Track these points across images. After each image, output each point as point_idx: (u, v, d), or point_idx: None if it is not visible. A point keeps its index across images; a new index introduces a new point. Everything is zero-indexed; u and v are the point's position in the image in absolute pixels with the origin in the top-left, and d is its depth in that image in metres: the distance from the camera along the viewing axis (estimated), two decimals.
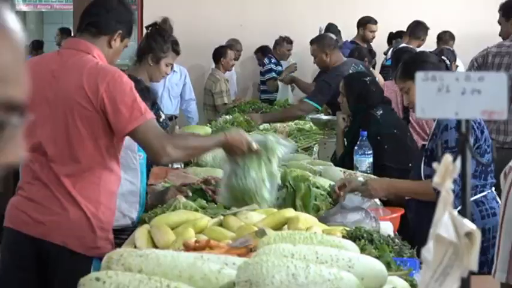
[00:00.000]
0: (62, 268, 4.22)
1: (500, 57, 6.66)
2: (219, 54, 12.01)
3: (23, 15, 22.73)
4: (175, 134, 5.34)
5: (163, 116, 6.89)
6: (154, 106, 5.49)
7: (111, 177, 4.31)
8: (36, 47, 15.67)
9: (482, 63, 6.66)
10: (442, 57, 5.58)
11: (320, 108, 8.42)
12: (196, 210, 4.43)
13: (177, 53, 6.39)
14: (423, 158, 4.73)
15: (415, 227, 4.65)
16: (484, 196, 4.69)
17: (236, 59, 12.69)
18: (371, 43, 11.86)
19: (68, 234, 4.19)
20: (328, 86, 8.23)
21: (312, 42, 9.75)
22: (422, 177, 4.70)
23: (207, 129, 7.53)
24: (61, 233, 4.19)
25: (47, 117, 4.19)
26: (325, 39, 9.67)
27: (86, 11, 4.48)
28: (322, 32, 12.15)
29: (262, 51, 13.55)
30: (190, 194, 4.69)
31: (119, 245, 4.58)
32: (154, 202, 4.81)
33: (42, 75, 4.25)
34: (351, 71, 8.00)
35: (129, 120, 4.14)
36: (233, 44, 12.97)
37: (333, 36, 11.21)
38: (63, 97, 4.20)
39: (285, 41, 13.29)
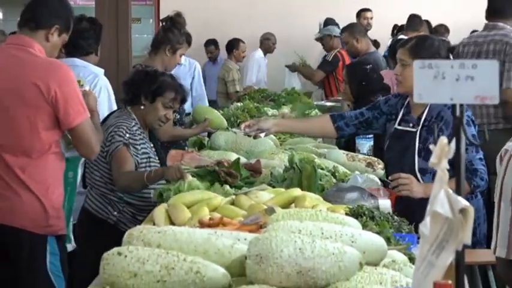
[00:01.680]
0: (21, 248, 4.25)
1: (469, 46, 6.65)
2: (231, 46, 12.05)
3: None
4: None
5: (186, 110, 6.94)
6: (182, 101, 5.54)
7: (56, 161, 4.37)
8: None
9: (456, 53, 6.64)
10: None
11: None
12: (208, 188, 4.44)
13: (190, 44, 6.46)
14: (416, 145, 4.66)
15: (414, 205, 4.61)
16: None
17: (271, 51, 12.68)
18: (369, 30, 11.75)
19: (23, 217, 4.24)
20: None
21: (343, 30, 9.78)
22: (416, 166, 4.63)
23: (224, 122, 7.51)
24: (17, 216, 4.23)
25: None
26: (355, 27, 9.70)
27: (26, 8, 4.47)
28: (322, 25, 12.16)
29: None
30: (190, 177, 4.66)
31: (139, 222, 4.60)
32: (159, 175, 4.82)
33: None
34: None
35: (75, 116, 4.25)
36: (268, 38, 13.01)
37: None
38: (11, 89, 4.21)
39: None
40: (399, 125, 4.81)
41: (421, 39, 5.08)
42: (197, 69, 8.23)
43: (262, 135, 5.04)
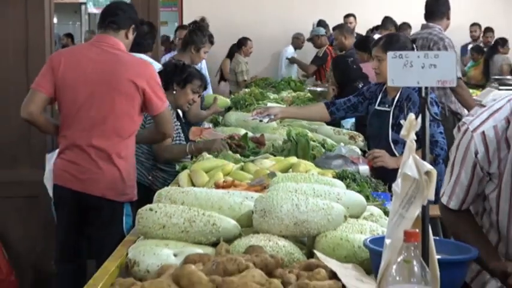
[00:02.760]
0: (101, 213, 4.23)
1: (417, 40, 6.64)
2: (241, 43, 12.03)
3: (93, 17, 22.63)
4: None
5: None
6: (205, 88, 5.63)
7: (134, 141, 4.34)
8: None
9: None
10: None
11: None
12: (222, 157, 4.44)
13: (212, 43, 6.54)
14: (390, 121, 4.67)
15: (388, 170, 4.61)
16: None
17: (300, 48, 12.59)
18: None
19: (104, 187, 4.21)
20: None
21: (334, 28, 9.79)
22: (390, 141, 4.65)
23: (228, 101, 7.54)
24: (98, 186, 4.20)
25: (91, 94, 4.19)
26: (344, 26, 9.71)
27: (106, 12, 4.49)
28: (315, 25, 12.15)
29: None
30: (228, 149, 4.68)
31: (168, 184, 4.61)
32: (203, 148, 4.82)
33: (83, 61, 4.26)
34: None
35: (160, 105, 4.29)
36: (298, 37, 13.00)
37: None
38: (108, 81, 4.20)
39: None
40: (378, 106, 4.83)
41: (390, 37, 5.14)
42: (204, 65, 8.21)
43: (265, 120, 5.06)
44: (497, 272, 2.68)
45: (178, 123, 5.25)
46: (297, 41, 13.31)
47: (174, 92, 5.10)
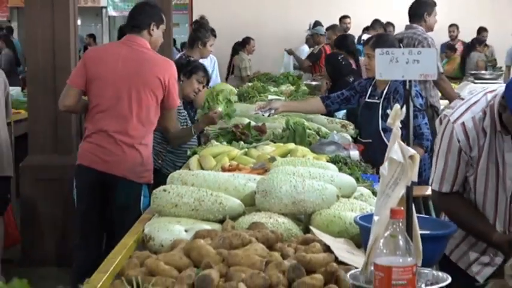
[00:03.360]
0: (121, 192, 4.23)
1: (403, 39, 6.62)
2: (245, 42, 11.99)
3: (113, 20, 22.60)
4: None
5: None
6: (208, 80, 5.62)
7: (152, 129, 4.36)
8: None
9: None
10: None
11: None
12: (228, 144, 4.44)
13: (215, 36, 6.57)
14: (380, 112, 4.66)
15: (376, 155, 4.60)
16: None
17: (318, 43, 12.24)
18: (348, 31, 11.60)
19: (126, 169, 4.21)
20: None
21: (327, 28, 9.77)
22: (380, 130, 4.64)
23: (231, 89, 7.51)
24: (121, 167, 4.20)
25: (121, 88, 4.20)
26: (337, 27, 9.69)
27: (129, 17, 4.55)
28: (311, 25, 12.10)
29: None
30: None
31: (177, 166, 4.63)
32: (201, 125, 4.93)
33: (114, 57, 4.28)
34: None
35: (175, 101, 4.39)
36: (313, 36, 12.68)
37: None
38: (138, 76, 4.22)
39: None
40: (368, 98, 4.82)
41: (380, 36, 5.21)
42: (215, 64, 8.16)
43: (266, 114, 5.06)
44: (503, 242, 2.68)
45: (185, 112, 5.25)
46: (310, 40, 13.09)
47: (181, 82, 5.10)
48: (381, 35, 5.72)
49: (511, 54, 11.37)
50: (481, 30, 12.09)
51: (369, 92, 4.84)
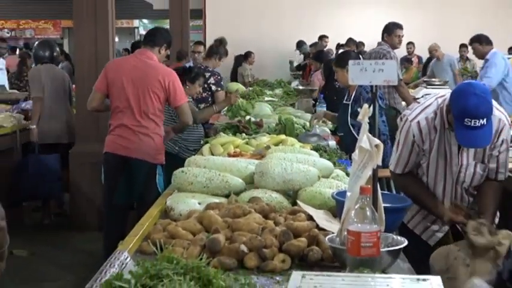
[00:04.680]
0: (140, 172, 4.22)
1: (369, 54, 6.57)
2: (247, 55, 11.90)
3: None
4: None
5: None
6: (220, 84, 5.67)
7: (162, 121, 4.33)
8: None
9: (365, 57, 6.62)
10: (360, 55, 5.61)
11: None
12: (233, 135, 4.42)
13: (227, 55, 6.48)
14: (349, 111, 4.59)
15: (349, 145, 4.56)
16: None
17: (305, 57, 11.88)
18: (325, 47, 11.45)
19: (143, 152, 4.19)
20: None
21: (310, 45, 9.67)
22: (349, 125, 4.57)
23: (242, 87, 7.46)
24: (139, 152, 4.19)
25: (133, 90, 4.19)
26: (317, 44, 9.57)
27: (148, 33, 4.53)
28: (297, 45, 12.03)
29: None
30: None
31: (190, 151, 4.62)
32: (224, 105, 5.26)
33: (127, 67, 4.26)
34: None
35: (179, 100, 4.27)
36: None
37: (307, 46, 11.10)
38: (145, 80, 4.19)
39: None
40: (345, 101, 4.75)
41: (343, 53, 5.19)
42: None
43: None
44: (441, 215, 2.72)
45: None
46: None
47: (187, 87, 5.01)
48: (343, 52, 5.61)
49: (443, 69, 10.86)
50: (461, 46, 11.69)
51: (345, 97, 4.81)
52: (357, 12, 13.14)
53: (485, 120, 2.43)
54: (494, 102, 2.57)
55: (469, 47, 7.35)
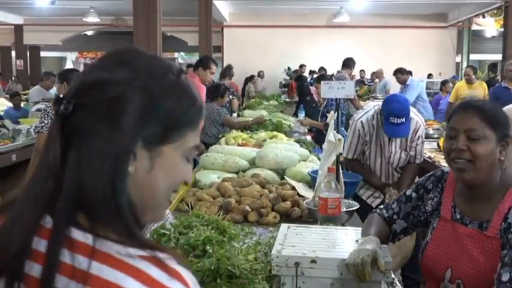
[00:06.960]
0: None
1: (335, 78, 6.45)
2: (250, 77, 11.79)
3: (181, 65, 22.16)
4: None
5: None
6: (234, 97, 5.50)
7: None
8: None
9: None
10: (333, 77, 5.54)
11: None
12: (242, 131, 4.38)
13: (232, 75, 6.36)
14: (320, 113, 4.56)
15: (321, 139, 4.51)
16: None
17: (290, 78, 11.62)
18: (304, 73, 11.25)
19: None
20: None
21: (294, 71, 9.40)
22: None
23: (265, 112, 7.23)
24: None
25: None
26: (298, 71, 9.35)
27: (197, 62, 4.32)
28: (286, 69, 11.88)
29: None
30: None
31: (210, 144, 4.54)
32: (256, 121, 4.68)
33: None
34: None
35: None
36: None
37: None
38: None
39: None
40: (323, 108, 4.67)
41: (323, 75, 5.11)
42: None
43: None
44: (379, 186, 2.74)
45: (225, 110, 4.99)
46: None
47: (219, 101, 4.74)
48: (322, 75, 5.58)
49: (382, 88, 10.61)
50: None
51: (322, 108, 4.76)
52: (324, 50, 13.08)
53: (404, 119, 2.46)
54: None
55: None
